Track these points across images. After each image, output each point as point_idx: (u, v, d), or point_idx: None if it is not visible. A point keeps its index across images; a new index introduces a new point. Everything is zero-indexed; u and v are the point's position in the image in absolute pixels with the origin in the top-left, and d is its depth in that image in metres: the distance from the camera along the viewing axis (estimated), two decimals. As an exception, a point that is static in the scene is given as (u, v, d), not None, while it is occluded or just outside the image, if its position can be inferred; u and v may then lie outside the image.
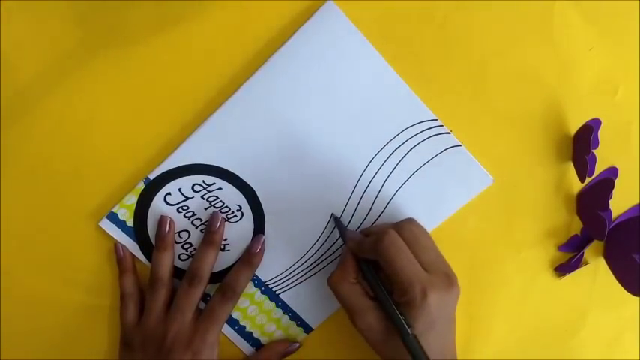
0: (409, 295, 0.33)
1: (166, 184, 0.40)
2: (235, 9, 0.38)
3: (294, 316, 0.43)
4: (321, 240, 0.42)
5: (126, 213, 0.40)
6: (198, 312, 0.40)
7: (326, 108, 0.40)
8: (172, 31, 0.38)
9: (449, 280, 0.35)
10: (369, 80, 0.39)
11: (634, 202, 0.45)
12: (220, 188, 0.40)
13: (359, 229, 0.41)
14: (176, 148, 0.39)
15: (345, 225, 0.41)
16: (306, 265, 0.42)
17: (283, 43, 0.38)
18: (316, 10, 0.38)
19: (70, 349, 0.42)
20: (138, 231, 0.41)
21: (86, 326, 0.42)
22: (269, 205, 0.41)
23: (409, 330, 0.33)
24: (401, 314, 0.34)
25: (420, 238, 0.36)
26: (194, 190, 0.40)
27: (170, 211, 0.40)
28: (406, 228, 0.36)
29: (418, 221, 0.38)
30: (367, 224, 0.41)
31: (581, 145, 0.42)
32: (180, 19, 0.38)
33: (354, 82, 0.39)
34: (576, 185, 0.44)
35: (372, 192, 0.41)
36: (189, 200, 0.40)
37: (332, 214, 0.41)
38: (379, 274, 0.36)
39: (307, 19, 0.38)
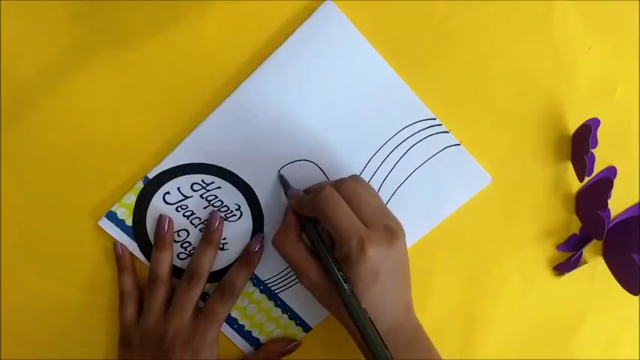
0: (346, 250, 0.33)
1: (165, 183, 0.40)
2: (234, 8, 0.38)
3: (293, 315, 0.43)
4: (320, 239, 0.42)
5: (125, 212, 0.40)
6: (197, 311, 0.40)
7: (325, 107, 0.40)
8: (171, 30, 0.38)
9: (390, 233, 0.34)
10: (367, 79, 0.39)
11: (633, 201, 0.45)
12: (219, 187, 0.40)
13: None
14: (175, 147, 0.39)
15: None
16: (305, 264, 0.42)
17: (282, 42, 0.38)
18: (315, 10, 0.38)
19: (69, 348, 0.42)
20: (137, 230, 0.41)
21: (85, 325, 0.42)
22: (268, 204, 0.41)
23: (346, 286, 0.33)
24: (340, 271, 0.33)
25: (362, 193, 0.35)
26: (193, 189, 0.40)
27: (169, 210, 0.40)
28: (347, 183, 0.35)
29: (365, 182, 0.37)
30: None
31: (580, 144, 0.42)
32: (179, 19, 0.38)
33: (353, 81, 0.39)
34: (575, 184, 0.44)
35: (370, 191, 0.41)
36: (188, 199, 0.40)
37: (278, 171, 0.40)
38: (323, 232, 0.36)
39: (306, 18, 0.38)
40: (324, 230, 0.36)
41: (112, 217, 0.40)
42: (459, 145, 0.41)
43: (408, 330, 0.36)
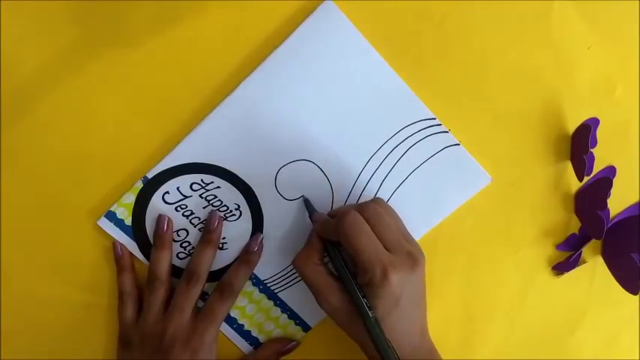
0: (370, 275, 0.33)
1: (165, 182, 0.40)
2: (233, 8, 0.38)
3: (293, 315, 0.43)
4: (320, 239, 0.42)
5: (124, 212, 0.40)
6: (197, 311, 0.40)
7: (324, 106, 0.40)
8: (170, 30, 0.38)
9: (412, 259, 0.34)
10: (367, 79, 0.39)
11: (632, 200, 0.45)
12: (219, 187, 0.40)
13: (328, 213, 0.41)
14: (174, 147, 0.39)
15: None
16: (304, 263, 0.42)
17: (282, 42, 0.38)
18: (314, 10, 0.38)
19: (69, 348, 0.42)
20: (136, 230, 0.41)
21: (85, 325, 0.42)
22: (267, 204, 0.41)
23: (370, 313, 0.33)
24: (364, 297, 0.34)
25: (384, 218, 0.35)
26: (192, 189, 0.40)
27: (168, 210, 0.40)
28: (369, 207, 0.36)
29: (386, 202, 0.38)
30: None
31: (580, 143, 0.42)
32: (178, 18, 0.38)
33: (353, 80, 0.39)
34: (574, 184, 0.44)
35: (370, 190, 0.41)
36: (188, 199, 0.40)
37: (302, 196, 0.40)
38: (345, 256, 0.36)
39: (306, 18, 0.38)
40: (346, 254, 0.36)
41: (111, 216, 0.40)
42: (458, 144, 0.41)
43: (422, 353, 0.37)
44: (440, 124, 0.41)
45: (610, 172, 0.43)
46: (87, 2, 0.37)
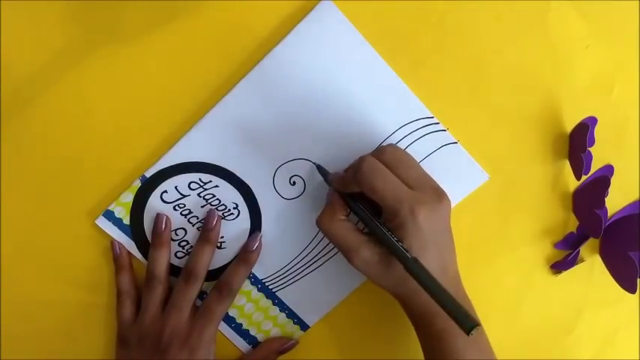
0: (399, 217, 0.33)
1: (163, 181, 0.40)
2: (231, 7, 0.38)
3: (291, 314, 0.43)
4: (318, 238, 0.42)
5: (122, 211, 0.40)
6: (195, 310, 0.40)
7: (322, 105, 0.40)
8: (168, 29, 0.38)
9: (437, 193, 0.34)
10: (365, 77, 0.39)
11: (630, 199, 0.45)
12: (217, 186, 0.40)
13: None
14: (172, 146, 0.39)
15: None
16: (302, 262, 0.42)
17: (280, 41, 0.38)
18: (312, 8, 0.38)
19: (67, 347, 0.42)
20: (134, 229, 0.41)
21: (83, 324, 0.42)
22: (266, 203, 0.41)
23: (408, 255, 0.32)
24: (398, 241, 0.33)
25: (402, 158, 0.35)
26: (190, 188, 0.40)
27: (166, 209, 0.40)
28: (387, 151, 0.35)
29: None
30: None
31: (578, 142, 0.42)
32: (176, 18, 0.38)
33: (351, 79, 0.39)
34: (572, 183, 0.44)
35: (368, 190, 0.41)
36: (186, 198, 0.40)
37: (314, 162, 0.40)
38: (368, 207, 0.35)
39: (304, 16, 0.38)
40: (369, 206, 0.35)
41: (109, 215, 0.40)
42: (456, 143, 0.41)
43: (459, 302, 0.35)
44: (438, 123, 0.41)
45: (608, 171, 0.43)
46: (85, 2, 0.37)
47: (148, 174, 0.40)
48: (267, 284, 0.42)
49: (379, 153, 0.35)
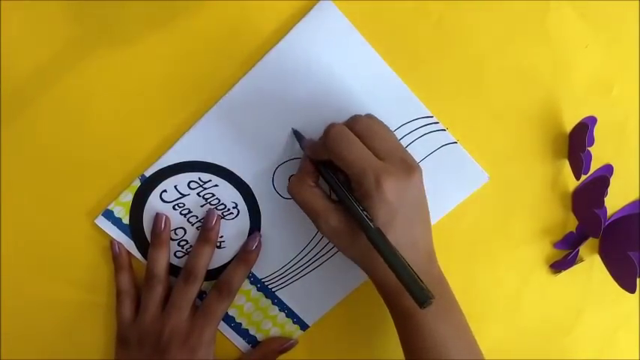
0: (363, 186, 0.32)
1: (162, 181, 0.40)
2: (231, 7, 0.38)
3: (291, 314, 0.43)
4: (318, 237, 0.42)
5: (122, 210, 0.40)
6: (195, 309, 0.40)
7: (321, 104, 0.40)
8: (168, 28, 0.38)
9: (406, 165, 0.33)
10: (364, 77, 0.39)
11: (629, 199, 0.45)
12: (216, 185, 0.40)
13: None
14: (172, 145, 0.39)
15: None
16: (302, 262, 0.42)
17: (279, 41, 0.38)
18: (312, 8, 0.38)
19: (67, 347, 0.42)
20: (134, 228, 0.41)
21: (82, 324, 0.42)
22: (265, 203, 0.41)
23: (371, 224, 0.32)
24: (364, 210, 0.32)
25: (375, 129, 0.34)
26: (190, 187, 0.40)
27: (166, 209, 0.40)
28: (360, 121, 0.34)
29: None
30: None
31: (577, 142, 0.42)
32: (176, 18, 0.38)
33: (350, 78, 0.39)
34: (572, 182, 0.44)
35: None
36: (185, 197, 0.40)
37: (292, 129, 0.39)
38: (339, 176, 0.35)
39: (303, 16, 0.38)
40: (340, 173, 0.35)
41: (108, 215, 0.40)
42: (455, 143, 0.41)
43: (429, 278, 0.33)
44: (437, 123, 0.41)
45: (607, 171, 0.43)
46: (85, 2, 0.37)
47: (148, 173, 0.40)
48: (266, 284, 0.42)
49: (352, 121, 0.35)
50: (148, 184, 0.40)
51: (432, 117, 0.40)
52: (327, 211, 0.34)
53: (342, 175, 0.35)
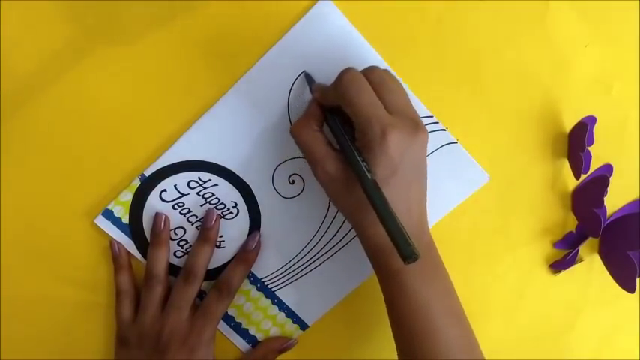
0: (368, 135, 0.31)
1: (162, 180, 0.40)
2: (231, 6, 0.38)
3: (290, 313, 0.43)
4: (317, 237, 0.42)
5: (121, 210, 0.40)
6: (194, 309, 0.40)
7: (303, 73, 0.39)
8: (167, 29, 0.38)
9: (414, 124, 0.32)
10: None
11: (629, 198, 0.45)
12: (216, 185, 0.40)
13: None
14: (172, 145, 0.39)
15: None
16: (302, 262, 0.42)
17: (279, 40, 0.38)
18: (311, 7, 0.38)
19: (66, 347, 0.42)
20: (133, 228, 0.40)
21: (82, 324, 0.42)
22: (265, 202, 0.41)
23: (368, 175, 0.31)
24: (363, 161, 0.32)
25: (389, 82, 0.34)
26: (190, 187, 0.40)
27: (166, 208, 0.40)
28: (375, 71, 0.34)
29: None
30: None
31: (577, 142, 0.42)
32: (175, 17, 0.38)
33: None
34: (571, 182, 0.44)
35: (367, 189, 0.41)
36: (185, 197, 0.40)
37: (303, 71, 0.39)
38: (344, 126, 0.35)
39: (303, 16, 0.38)
40: (346, 124, 0.34)
41: (108, 215, 0.40)
42: (455, 143, 0.41)
43: (420, 243, 0.34)
44: (437, 122, 0.41)
45: (607, 170, 0.43)
46: (85, 2, 0.37)
47: (147, 173, 0.40)
48: (266, 283, 0.42)
49: (367, 70, 0.34)
50: (148, 184, 0.40)
51: (432, 117, 0.40)
52: (326, 156, 0.34)
53: (346, 126, 0.35)
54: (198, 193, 0.40)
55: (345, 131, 0.34)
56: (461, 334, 0.36)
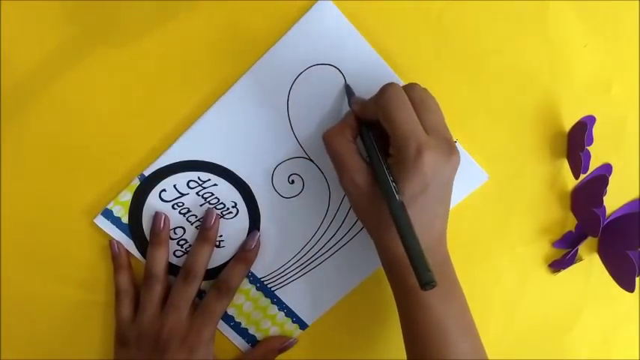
0: (403, 152, 0.32)
1: (161, 180, 0.40)
2: (230, 6, 0.38)
3: (290, 313, 0.43)
4: (317, 237, 0.42)
5: (121, 209, 0.40)
6: (194, 309, 0.40)
7: (321, 105, 0.39)
8: (166, 28, 0.38)
9: (448, 145, 0.33)
10: (363, 76, 0.39)
11: (628, 198, 0.45)
12: (215, 184, 0.40)
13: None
14: (171, 145, 0.39)
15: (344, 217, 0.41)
16: (301, 261, 0.42)
17: (278, 40, 0.38)
18: (311, 7, 0.38)
19: (66, 346, 0.42)
20: (133, 227, 0.41)
21: (81, 323, 0.42)
22: (264, 202, 0.41)
23: (397, 195, 0.31)
24: (393, 181, 0.32)
25: (428, 101, 0.34)
26: (189, 187, 0.40)
27: (165, 208, 0.40)
28: (416, 88, 0.34)
29: None
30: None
31: (576, 141, 0.42)
32: (174, 17, 0.38)
33: (349, 77, 0.39)
34: (571, 182, 0.44)
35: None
36: (185, 197, 0.40)
37: (344, 82, 0.39)
38: (378, 141, 0.35)
39: (302, 16, 0.38)
40: (380, 140, 0.35)
41: (107, 214, 0.40)
42: (455, 142, 0.41)
43: (438, 258, 0.35)
44: (436, 122, 0.41)
45: (606, 170, 0.44)
46: (84, 2, 0.37)
47: (147, 173, 0.40)
48: (265, 283, 0.42)
49: (408, 87, 0.34)
50: (147, 184, 0.40)
51: (431, 116, 0.40)
52: (357, 168, 0.34)
53: (380, 142, 0.35)
54: (197, 193, 0.40)
55: (378, 147, 0.34)
56: (472, 349, 0.36)
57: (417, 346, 0.36)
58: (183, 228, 0.41)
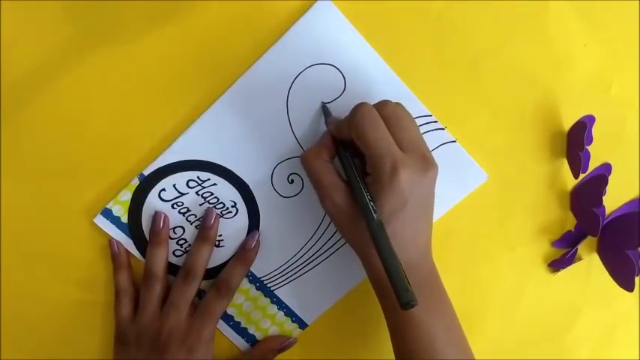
0: (378, 171, 0.32)
1: (161, 180, 0.40)
2: (229, 7, 0.38)
3: (289, 312, 0.43)
4: (316, 236, 0.42)
5: (120, 209, 0.40)
6: (194, 308, 0.40)
7: (320, 104, 0.40)
8: (166, 28, 0.38)
9: (425, 162, 0.33)
10: (363, 76, 0.39)
11: (628, 197, 0.45)
12: (215, 184, 0.40)
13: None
14: (171, 144, 0.39)
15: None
16: (301, 261, 0.42)
17: (278, 40, 0.38)
18: (310, 7, 0.38)
19: (65, 346, 0.42)
20: (132, 227, 0.41)
21: (81, 323, 0.42)
22: (264, 201, 0.41)
23: (375, 215, 0.31)
24: (370, 200, 0.32)
25: (401, 118, 0.34)
26: (189, 186, 0.40)
27: (165, 207, 0.40)
28: (388, 106, 0.34)
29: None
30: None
31: (575, 141, 0.42)
32: (174, 17, 0.38)
33: (349, 77, 0.39)
34: (570, 181, 0.44)
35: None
36: (184, 196, 0.40)
37: (322, 102, 0.39)
38: (355, 160, 0.35)
39: (302, 16, 0.38)
40: (357, 158, 0.35)
41: (107, 214, 0.40)
42: (454, 142, 0.41)
43: (423, 271, 0.35)
44: (436, 121, 0.41)
45: (605, 170, 0.44)
46: (84, 2, 0.37)
47: (147, 172, 0.40)
48: (265, 282, 0.42)
49: (381, 105, 0.34)
50: (147, 183, 0.40)
51: (430, 116, 0.41)
52: (335, 188, 0.34)
53: (357, 160, 0.35)
54: (197, 193, 0.40)
55: (355, 166, 0.35)
56: (460, 356, 0.36)
57: (405, 356, 0.36)
58: (183, 227, 0.41)
